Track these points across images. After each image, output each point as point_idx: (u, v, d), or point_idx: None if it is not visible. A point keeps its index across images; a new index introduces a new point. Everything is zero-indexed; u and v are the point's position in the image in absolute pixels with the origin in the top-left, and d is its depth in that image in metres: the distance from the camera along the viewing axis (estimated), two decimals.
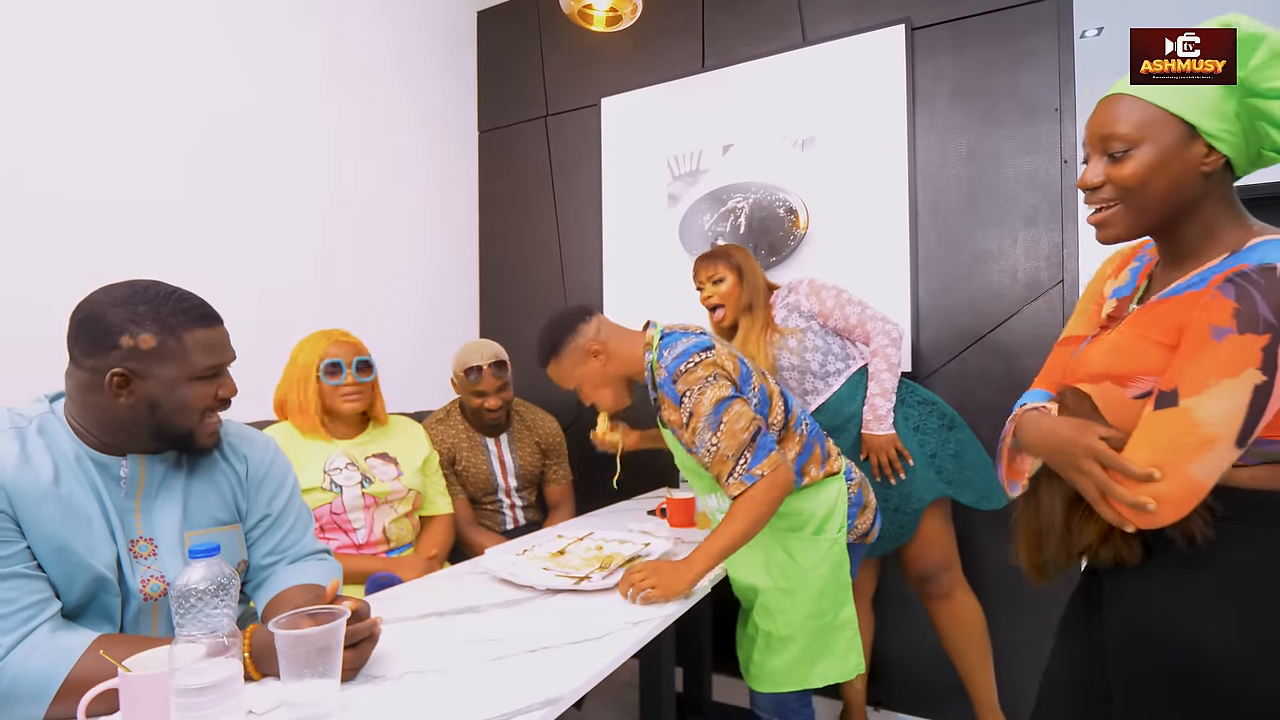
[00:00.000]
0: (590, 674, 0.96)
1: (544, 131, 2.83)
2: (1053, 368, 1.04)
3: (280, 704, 0.84)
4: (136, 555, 0.98)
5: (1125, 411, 0.85)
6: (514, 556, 1.50)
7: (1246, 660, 0.79)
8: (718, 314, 1.98)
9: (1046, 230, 1.95)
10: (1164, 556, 0.85)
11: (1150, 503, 0.77)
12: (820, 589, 1.43)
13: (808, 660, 1.44)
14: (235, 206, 1.98)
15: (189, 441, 1.02)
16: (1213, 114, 0.81)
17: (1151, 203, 0.86)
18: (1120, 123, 0.85)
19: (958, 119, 2.08)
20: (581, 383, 1.52)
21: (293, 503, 1.19)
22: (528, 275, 2.87)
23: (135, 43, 1.74)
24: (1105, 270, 1.05)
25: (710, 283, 1.97)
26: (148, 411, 0.96)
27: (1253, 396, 0.74)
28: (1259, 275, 0.75)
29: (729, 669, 2.37)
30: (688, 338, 1.43)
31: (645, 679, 1.51)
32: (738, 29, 2.42)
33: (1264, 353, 0.73)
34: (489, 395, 2.04)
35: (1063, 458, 0.87)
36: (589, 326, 1.50)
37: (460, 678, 0.95)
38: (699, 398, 1.34)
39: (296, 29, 2.17)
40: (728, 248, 2.00)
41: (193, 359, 0.97)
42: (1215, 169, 0.83)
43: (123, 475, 0.99)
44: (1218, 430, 0.75)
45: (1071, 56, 1.91)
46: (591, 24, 2.05)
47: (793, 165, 2.31)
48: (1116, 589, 0.92)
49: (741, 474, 1.31)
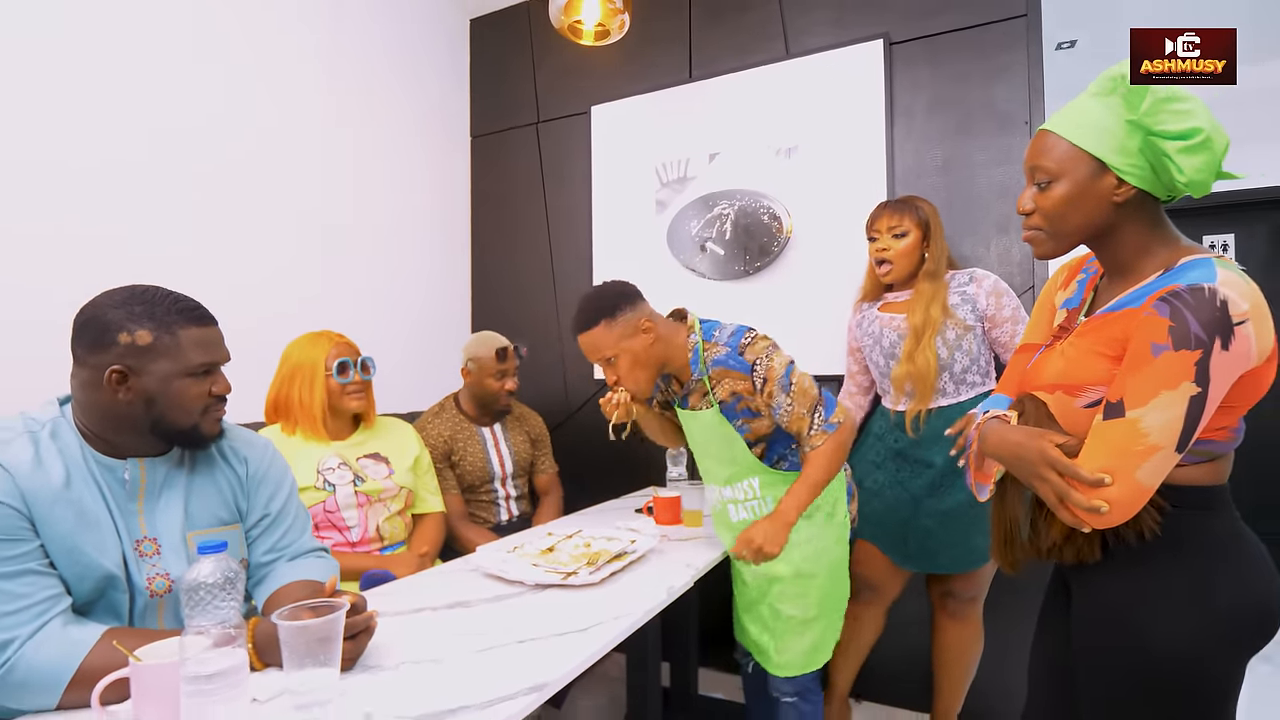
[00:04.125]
0: (575, 663, 1.02)
1: (535, 138, 2.89)
2: (1011, 374, 1.13)
3: (283, 692, 0.89)
4: (142, 554, 1.03)
5: (1077, 419, 0.94)
6: (504, 554, 1.55)
7: (1191, 636, 0.87)
8: (883, 269, 1.84)
9: (1018, 238, 2.02)
10: (1120, 551, 0.93)
11: (1103, 505, 0.85)
12: (834, 569, 1.55)
13: (826, 639, 1.57)
14: (227, 211, 2.02)
15: (194, 436, 1.07)
16: (1119, 151, 0.90)
17: (1069, 229, 0.96)
18: (1044, 156, 0.95)
19: (934, 130, 2.15)
20: (621, 355, 1.51)
21: (291, 502, 1.24)
22: (519, 279, 2.93)
23: (131, 52, 1.79)
24: (1056, 280, 1.13)
25: (890, 234, 1.82)
26: (145, 407, 1.01)
27: (1189, 406, 0.82)
28: (1190, 295, 0.82)
29: (715, 663, 2.43)
30: (728, 323, 1.58)
31: (632, 674, 1.57)
32: (724, 41, 2.49)
33: (1197, 367, 0.81)
34: (509, 377, 2.17)
35: (1023, 465, 0.95)
36: (645, 305, 1.56)
37: (452, 667, 1.00)
38: (769, 363, 1.48)
39: (293, 35, 2.22)
40: (919, 200, 1.85)
41: (186, 355, 1.02)
42: (1127, 198, 0.92)
43: (126, 478, 1.04)
44: (1160, 439, 0.83)
45: (1041, 72, 1.99)
46: (581, 38, 2.11)
47: (776, 173, 2.38)
48: (1079, 584, 1.01)
49: (821, 425, 1.48)
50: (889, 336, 1.86)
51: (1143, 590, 0.91)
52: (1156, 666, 0.89)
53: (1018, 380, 1.09)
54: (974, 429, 1.09)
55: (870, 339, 1.92)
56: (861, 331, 1.96)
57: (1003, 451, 0.99)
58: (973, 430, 1.09)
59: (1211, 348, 0.80)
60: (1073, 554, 0.96)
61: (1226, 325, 0.80)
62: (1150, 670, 0.89)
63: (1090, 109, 0.93)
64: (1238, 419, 0.90)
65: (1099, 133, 0.91)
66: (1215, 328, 0.80)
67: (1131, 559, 0.92)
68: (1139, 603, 0.91)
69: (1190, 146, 0.85)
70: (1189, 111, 0.85)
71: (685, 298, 2.49)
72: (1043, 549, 0.99)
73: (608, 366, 1.55)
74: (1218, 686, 0.89)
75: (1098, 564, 0.95)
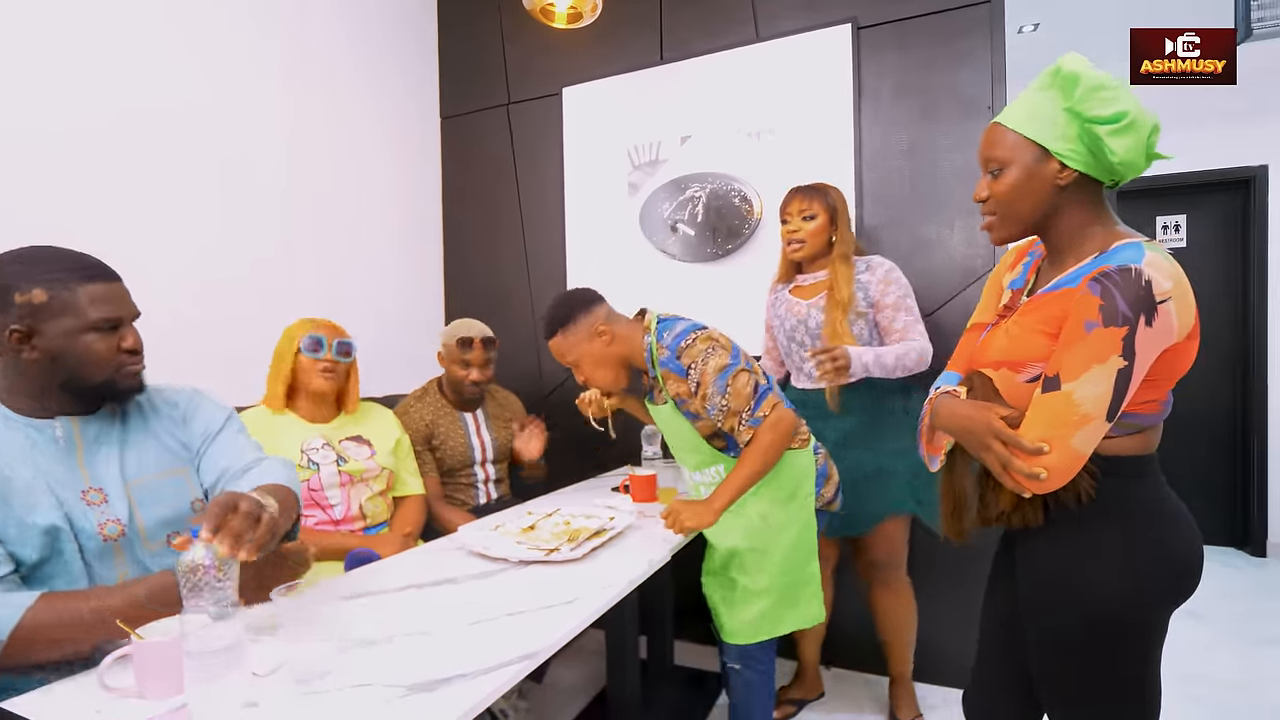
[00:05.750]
0: (562, 632, 1.07)
1: (506, 120, 2.88)
2: (962, 351, 1.21)
3: (281, 664, 0.93)
4: (90, 504, 1.06)
5: (1019, 393, 1.02)
6: (487, 532, 1.59)
7: (1119, 591, 0.97)
8: (793, 247, 1.94)
9: (979, 221, 2.09)
10: (1059, 516, 1.02)
11: (1042, 472, 0.94)
12: (790, 548, 1.59)
13: (776, 612, 1.60)
14: (193, 195, 1.99)
15: (110, 390, 1.10)
16: (1059, 137, 0.98)
17: (1020, 211, 1.03)
18: (995, 147, 1.03)
19: (899, 114, 2.20)
20: (581, 359, 1.64)
21: (231, 423, 1.29)
22: (492, 262, 2.93)
23: (92, 31, 1.75)
24: (1005, 263, 1.21)
25: (799, 216, 1.92)
26: (51, 364, 1.03)
27: (1117, 379, 0.90)
28: (1119, 275, 0.90)
29: (690, 635, 2.51)
30: (683, 321, 1.61)
31: (611, 646, 1.63)
32: (695, 23, 2.51)
33: (1124, 342, 0.89)
34: (474, 368, 2.18)
35: (971, 437, 1.03)
36: (600, 309, 1.65)
37: (444, 639, 1.04)
38: (703, 367, 1.53)
39: (258, 12, 2.18)
40: (827, 187, 1.95)
41: (85, 311, 1.04)
42: (1070, 182, 0.99)
43: (58, 435, 1.06)
44: (1092, 409, 0.92)
45: (1003, 58, 2.05)
46: (553, 20, 2.11)
47: (747, 156, 2.42)
48: (1024, 547, 1.10)
49: (748, 419, 1.51)
50: (790, 320, 1.99)
51: (1077, 551, 1.00)
52: (1090, 618, 0.98)
53: (967, 357, 1.17)
54: (926, 403, 1.16)
55: (778, 320, 2.05)
56: (773, 312, 2.08)
57: (953, 424, 1.07)
58: (925, 404, 1.17)
59: (1136, 324, 0.88)
60: (1019, 520, 1.04)
61: (1150, 303, 0.88)
62: (1084, 621, 0.99)
63: (1034, 101, 1.01)
64: (1164, 393, 0.99)
65: (1042, 122, 0.99)
66: (1140, 305, 0.88)
67: (1069, 523, 1.01)
68: (1074, 562, 1.00)
69: (1118, 129, 0.93)
70: (1115, 98, 0.94)
71: (657, 280, 2.55)
72: (991, 517, 1.08)
73: (576, 369, 1.67)
74: (1143, 635, 0.98)
75: (1040, 529, 1.04)
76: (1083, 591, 0.99)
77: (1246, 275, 3.60)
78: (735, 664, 1.65)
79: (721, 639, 1.66)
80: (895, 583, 2.00)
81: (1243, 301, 3.64)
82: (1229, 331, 3.67)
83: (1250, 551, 3.66)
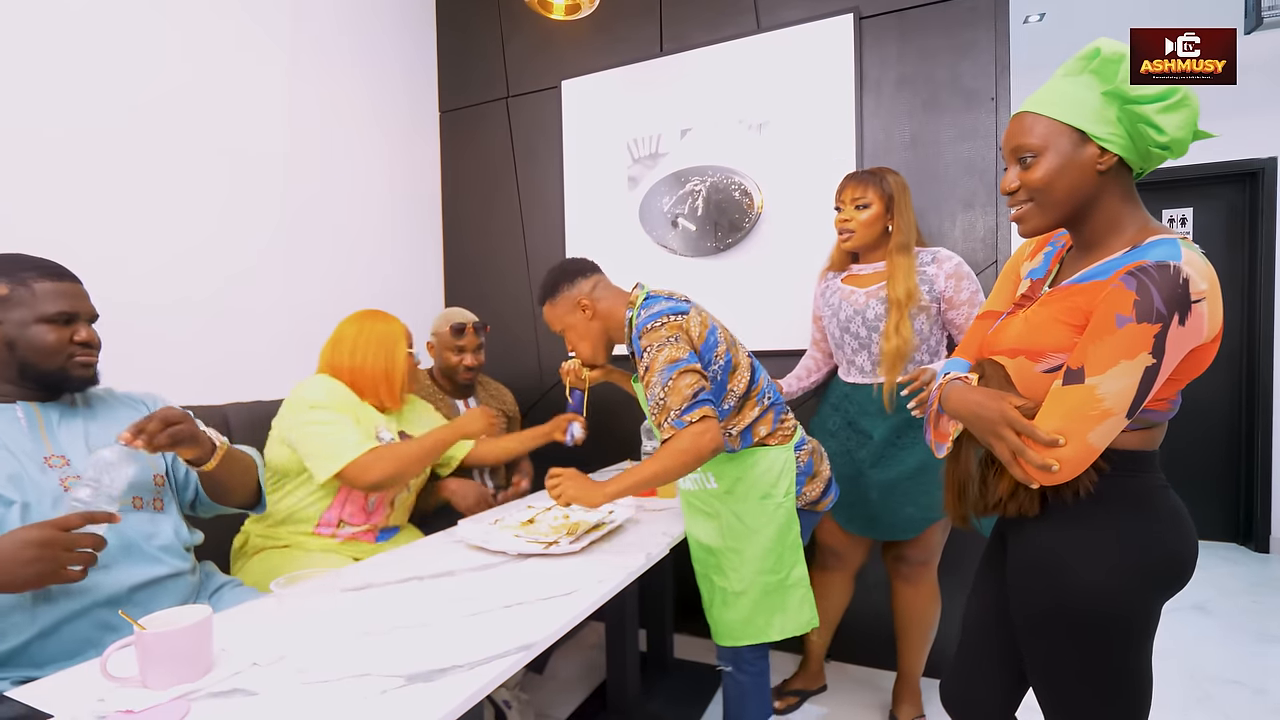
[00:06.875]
0: (560, 624, 1.07)
1: (505, 113, 2.87)
2: (972, 339, 1.19)
3: (281, 655, 0.93)
4: (51, 466, 1.14)
5: (1035, 383, 1.01)
6: (487, 526, 1.59)
7: (1108, 582, 0.97)
8: (843, 237, 1.87)
9: (982, 214, 2.09)
10: (1055, 507, 1.02)
11: (1054, 464, 0.92)
12: (767, 548, 1.54)
13: (762, 615, 1.55)
14: (192, 189, 1.99)
15: (63, 379, 1.19)
16: (1099, 120, 0.95)
17: (1057, 199, 1.00)
18: (1026, 135, 1.00)
19: (902, 106, 2.19)
20: (567, 329, 1.65)
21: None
22: (492, 255, 2.93)
23: (84, 19, 1.75)
24: (1023, 252, 1.19)
25: (853, 205, 1.84)
26: (9, 351, 1.14)
27: (1143, 376, 0.89)
28: (1156, 271, 0.88)
29: (690, 629, 2.52)
30: (668, 301, 1.52)
31: (611, 639, 1.64)
32: (695, 15, 2.49)
33: (1155, 339, 0.87)
34: (467, 353, 2.20)
35: (982, 424, 1.01)
36: (586, 282, 1.62)
37: (443, 630, 1.04)
38: (655, 354, 1.44)
39: (256, 6, 2.18)
40: (886, 171, 1.86)
41: (39, 304, 1.15)
42: (1110, 166, 0.97)
43: (20, 416, 1.15)
44: (1114, 405, 0.90)
45: (1007, 49, 2.03)
46: (551, 12, 2.10)
47: (748, 148, 2.41)
48: (1016, 536, 1.09)
49: (673, 420, 1.40)
50: (845, 310, 1.89)
51: (1070, 541, 1.00)
52: (1079, 607, 0.98)
53: (978, 344, 1.16)
54: (935, 390, 1.15)
55: (829, 309, 1.95)
56: (824, 301, 1.99)
57: (963, 411, 1.05)
58: (934, 390, 1.15)
59: (1170, 322, 0.86)
60: (1015, 508, 1.04)
61: (1186, 302, 0.86)
62: (1073, 610, 0.98)
63: (1064, 87, 0.98)
64: (1177, 392, 0.98)
65: (1077, 106, 0.96)
66: (1176, 303, 0.86)
67: (1064, 514, 1.01)
68: (1066, 552, 1.00)
69: (1170, 105, 0.91)
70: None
71: (658, 275, 2.54)
72: (989, 503, 1.07)
73: (565, 338, 1.68)
74: (1132, 626, 0.98)
75: (1034, 518, 1.03)
76: (1071, 580, 0.98)
77: (1253, 269, 3.58)
78: (727, 665, 1.62)
79: (714, 640, 1.63)
80: (921, 580, 1.95)
81: (1249, 295, 3.61)
82: (1234, 325, 3.65)
83: (1253, 547, 3.65)
